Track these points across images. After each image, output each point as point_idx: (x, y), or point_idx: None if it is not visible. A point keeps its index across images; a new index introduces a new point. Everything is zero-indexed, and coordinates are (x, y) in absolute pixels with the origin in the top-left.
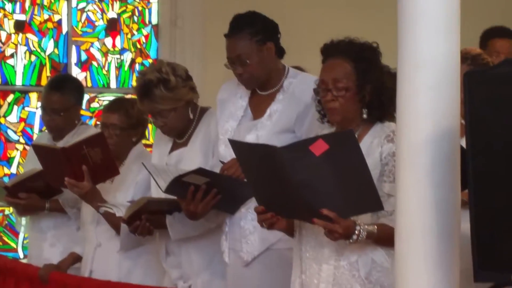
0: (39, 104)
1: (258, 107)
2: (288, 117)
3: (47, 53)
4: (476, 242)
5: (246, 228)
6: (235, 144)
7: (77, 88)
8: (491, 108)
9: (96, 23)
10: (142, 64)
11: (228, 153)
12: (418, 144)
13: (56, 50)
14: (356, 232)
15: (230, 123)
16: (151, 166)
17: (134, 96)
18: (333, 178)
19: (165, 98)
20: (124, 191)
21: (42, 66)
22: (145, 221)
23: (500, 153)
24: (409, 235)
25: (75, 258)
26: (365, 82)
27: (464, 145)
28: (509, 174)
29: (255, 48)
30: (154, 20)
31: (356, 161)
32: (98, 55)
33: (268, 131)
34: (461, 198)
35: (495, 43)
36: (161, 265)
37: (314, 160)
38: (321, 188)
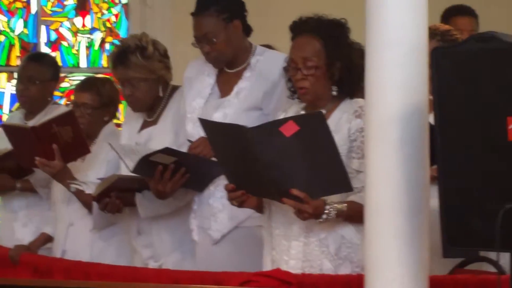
0: (8, 84)
1: (225, 85)
2: (256, 94)
3: (16, 33)
4: (444, 218)
5: (215, 206)
6: (205, 123)
7: (55, 64)
8: (458, 83)
9: (66, 3)
10: (112, 43)
11: (195, 132)
12: (387, 120)
13: (25, 30)
14: (326, 211)
15: (197, 101)
16: (118, 146)
17: (105, 76)
18: (303, 159)
19: (138, 65)
20: (96, 169)
21: (11, 46)
22: (115, 198)
23: (467, 128)
24: (378, 211)
25: (46, 239)
26: (334, 59)
27: (432, 121)
28: (477, 149)
29: (221, 26)
30: None
31: (326, 142)
32: (68, 34)
33: (235, 108)
34: (430, 173)
35: (456, 21)
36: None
37: (284, 141)
38: (291, 169)
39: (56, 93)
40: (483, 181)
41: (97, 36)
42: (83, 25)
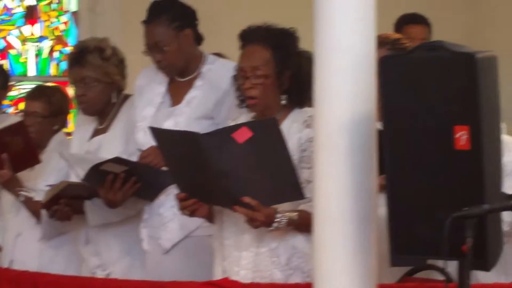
0: None
1: (176, 93)
2: (207, 103)
3: None
4: (392, 227)
5: (166, 216)
6: (156, 132)
7: (4, 73)
8: (407, 92)
9: (14, 11)
10: (61, 52)
11: (146, 141)
12: (335, 128)
13: None
14: (277, 219)
15: (148, 110)
16: (68, 155)
17: (55, 84)
18: (256, 166)
19: (94, 65)
20: (45, 178)
21: None
22: (64, 205)
23: (415, 136)
24: (327, 220)
25: None
26: (283, 68)
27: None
28: (425, 157)
29: (173, 34)
30: (73, 7)
31: (278, 149)
32: (16, 43)
33: (186, 117)
34: (379, 182)
35: (409, 30)
36: None
37: (236, 148)
38: (243, 176)
39: (5, 101)
40: (430, 189)
41: (46, 45)
42: (32, 34)
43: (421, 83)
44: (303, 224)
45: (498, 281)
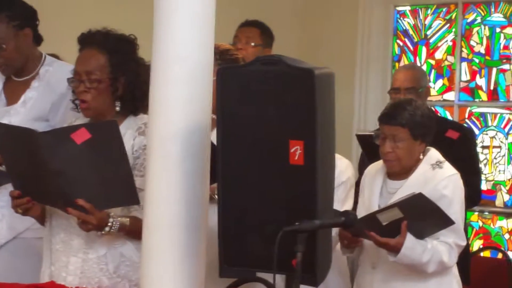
0: None
1: (12, 93)
2: (43, 105)
3: None
4: (222, 238)
5: None
6: None
7: None
8: (243, 104)
9: None
10: None
11: None
12: (169, 136)
13: None
14: (109, 223)
15: None
16: None
17: None
18: (92, 169)
19: None
20: None
21: None
22: None
23: (250, 149)
24: (156, 227)
25: None
26: (118, 74)
27: (215, 139)
28: (259, 170)
29: (12, 33)
30: None
31: (117, 152)
32: None
33: (21, 118)
34: (210, 192)
35: (240, 32)
36: None
37: (74, 148)
38: (79, 177)
39: None
40: (264, 202)
41: None
42: None
43: (258, 96)
44: (134, 231)
45: None
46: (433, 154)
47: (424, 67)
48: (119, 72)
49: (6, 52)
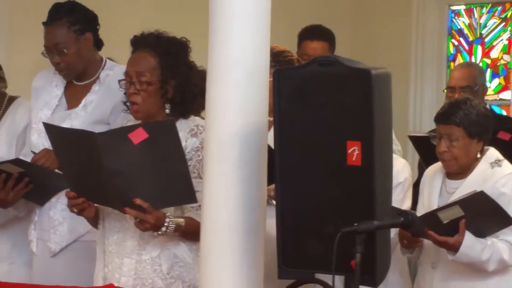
0: None
1: (73, 97)
2: (103, 108)
3: None
4: (280, 239)
5: (55, 219)
6: (50, 128)
7: None
8: (300, 105)
9: None
10: None
11: (40, 142)
12: (226, 139)
13: None
14: (165, 224)
15: (44, 112)
16: None
17: None
18: (149, 168)
19: None
20: None
21: None
22: None
23: (307, 150)
24: (214, 230)
25: None
26: (169, 77)
27: (271, 141)
28: (316, 172)
29: (73, 37)
30: None
31: (174, 152)
32: None
33: (82, 121)
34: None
35: (306, 46)
36: None
37: (131, 148)
38: (136, 177)
39: None
40: (322, 204)
41: None
42: None
43: (315, 97)
44: (188, 231)
45: None
46: (492, 152)
47: None
48: (169, 74)
49: (68, 57)
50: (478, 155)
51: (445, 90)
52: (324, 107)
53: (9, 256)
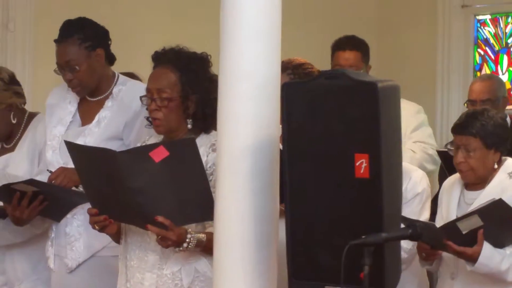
0: None
1: (87, 113)
2: (117, 124)
3: None
4: (291, 251)
5: (72, 235)
6: (71, 146)
7: None
8: (308, 118)
9: None
10: None
11: (55, 159)
12: (238, 152)
13: None
14: (187, 240)
15: (58, 129)
16: None
17: None
18: (171, 185)
19: None
20: None
21: None
22: None
23: (316, 163)
24: (227, 243)
25: None
26: (190, 92)
27: None
28: (325, 184)
29: (84, 54)
30: None
31: (195, 169)
32: None
33: (96, 137)
34: (280, 207)
35: (338, 57)
36: None
37: (153, 167)
38: (158, 195)
39: None
40: (330, 216)
41: None
42: None
43: (323, 110)
44: (210, 246)
45: None
46: (510, 163)
47: (506, 76)
48: (190, 90)
49: (80, 73)
50: (496, 166)
51: (466, 104)
52: (332, 120)
53: (35, 270)
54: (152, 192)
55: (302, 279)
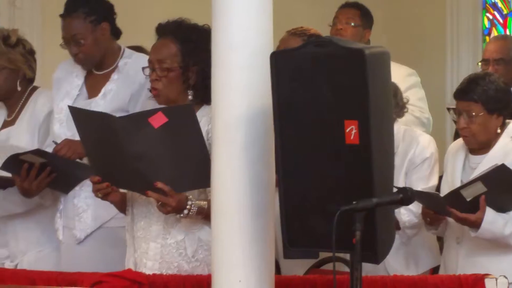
0: None
1: (93, 86)
2: (123, 96)
3: None
4: (284, 219)
5: (79, 206)
6: (74, 111)
7: None
8: (297, 86)
9: None
10: None
11: (62, 132)
12: (233, 122)
13: None
14: (188, 206)
15: (65, 102)
16: None
17: None
18: (170, 152)
19: None
20: None
21: None
22: None
23: (307, 130)
24: (224, 212)
25: None
26: (190, 63)
27: None
28: (316, 151)
29: (89, 28)
30: None
31: (193, 135)
32: None
33: (102, 110)
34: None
35: (337, 13)
36: None
37: (152, 132)
38: (157, 161)
39: None
40: (322, 183)
41: None
42: None
43: (311, 77)
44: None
45: (409, 273)
46: None
47: None
48: (191, 61)
49: (85, 47)
50: (499, 130)
51: (479, 63)
52: (321, 88)
53: (38, 242)
54: (152, 158)
55: (296, 246)
